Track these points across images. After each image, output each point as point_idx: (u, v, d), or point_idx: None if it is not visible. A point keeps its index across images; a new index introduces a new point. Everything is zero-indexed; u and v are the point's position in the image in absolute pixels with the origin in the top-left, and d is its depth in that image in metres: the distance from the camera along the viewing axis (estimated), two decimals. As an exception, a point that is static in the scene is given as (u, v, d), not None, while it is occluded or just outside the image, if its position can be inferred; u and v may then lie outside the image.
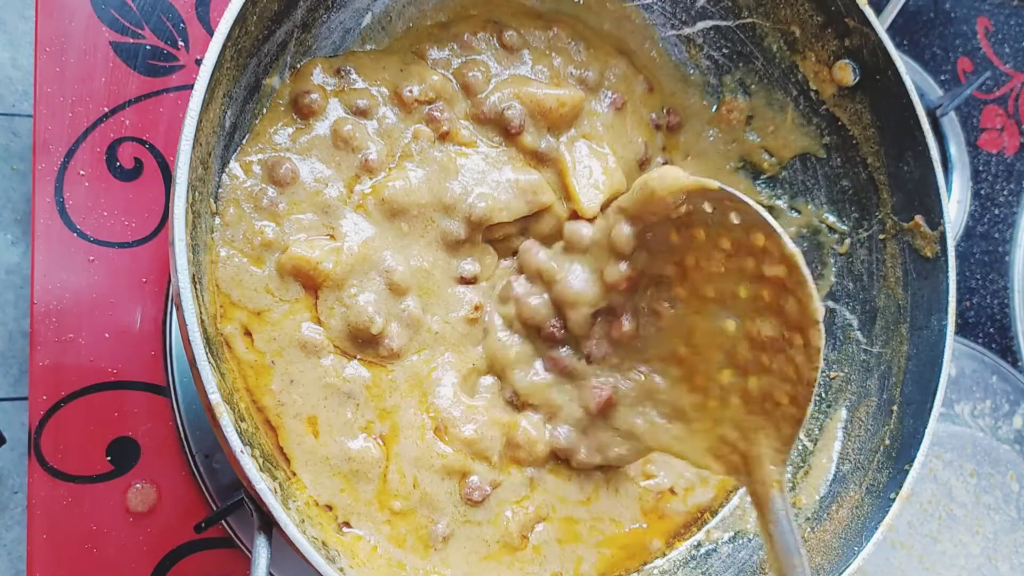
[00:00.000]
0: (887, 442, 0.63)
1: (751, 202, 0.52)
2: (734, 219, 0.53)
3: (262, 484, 0.45)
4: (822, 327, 0.51)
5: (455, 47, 0.64)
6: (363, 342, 0.58)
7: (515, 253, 0.66)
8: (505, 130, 0.63)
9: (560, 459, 0.63)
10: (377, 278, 0.59)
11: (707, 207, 0.54)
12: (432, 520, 0.58)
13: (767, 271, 0.53)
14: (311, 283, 0.57)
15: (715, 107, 0.72)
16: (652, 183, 0.55)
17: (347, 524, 0.56)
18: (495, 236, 0.65)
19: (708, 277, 0.56)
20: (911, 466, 0.59)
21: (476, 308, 0.63)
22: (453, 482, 0.59)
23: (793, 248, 0.51)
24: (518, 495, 0.61)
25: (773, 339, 0.53)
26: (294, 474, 0.55)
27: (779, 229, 0.51)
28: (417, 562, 0.57)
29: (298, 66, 0.59)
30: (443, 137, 0.62)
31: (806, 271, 0.51)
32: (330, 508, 0.56)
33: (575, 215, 0.65)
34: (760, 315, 0.54)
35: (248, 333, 0.55)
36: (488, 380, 0.63)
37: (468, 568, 0.58)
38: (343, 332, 0.57)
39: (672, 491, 0.66)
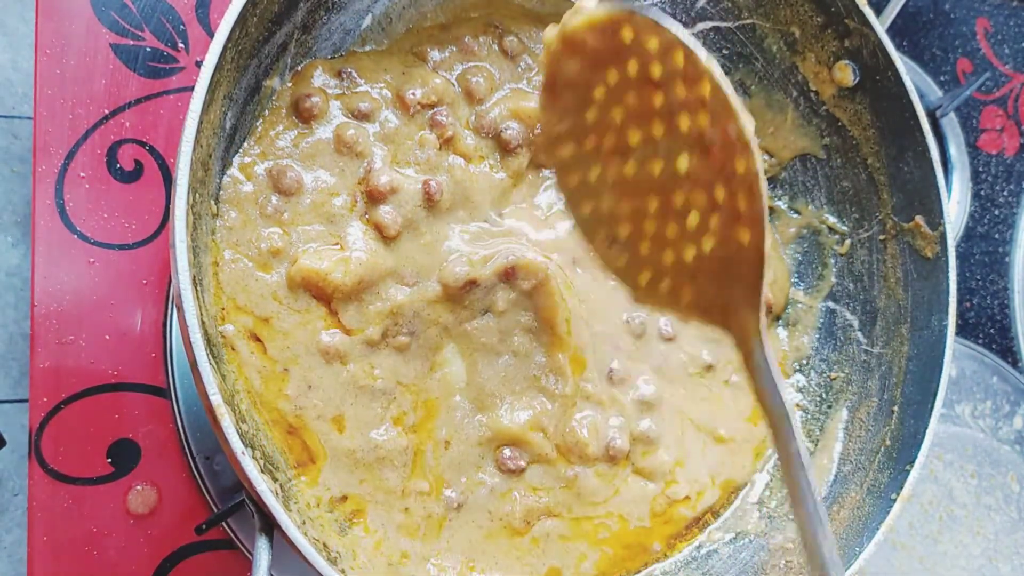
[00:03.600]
0: (888, 443, 0.63)
1: (663, 20, 0.46)
2: (653, 45, 0.47)
3: (263, 486, 0.45)
4: (754, 148, 0.45)
5: (456, 51, 0.64)
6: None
7: None
8: (504, 147, 0.63)
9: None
10: (391, 283, 0.59)
11: (626, 36, 0.48)
12: (450, 486, 0.58)
13: (691, 93, 0.47)
14: (322, 294, 0.56)
15: (715, 108, 0.72)
16: (565, 24, 0.49)
17: (358, 513, 0.56)
18: None
19: (636, 119, 0.50)
20: (912, 467, 0.59)
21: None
22: (488, 449, 0.59)
23: (708, 63, 0.45)
24: (543, 484, 0.61)
25: (707, 172, 0.48)
26: (313, 462, 0.55)
27: (691, 43, 0.45)
28: (421, 549, 0.57)
29: (299, 68, 0.59)
30: (447, 143, 0.62)
31: (726, 87, 0.45)
32: (345, 499, 0.56)
33: None
34: (690, 150, 0.48)
35: (257, 339, 0.55)
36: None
37: (470, 549, 0.58)
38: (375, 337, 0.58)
39: (687, 498, 0.66)
